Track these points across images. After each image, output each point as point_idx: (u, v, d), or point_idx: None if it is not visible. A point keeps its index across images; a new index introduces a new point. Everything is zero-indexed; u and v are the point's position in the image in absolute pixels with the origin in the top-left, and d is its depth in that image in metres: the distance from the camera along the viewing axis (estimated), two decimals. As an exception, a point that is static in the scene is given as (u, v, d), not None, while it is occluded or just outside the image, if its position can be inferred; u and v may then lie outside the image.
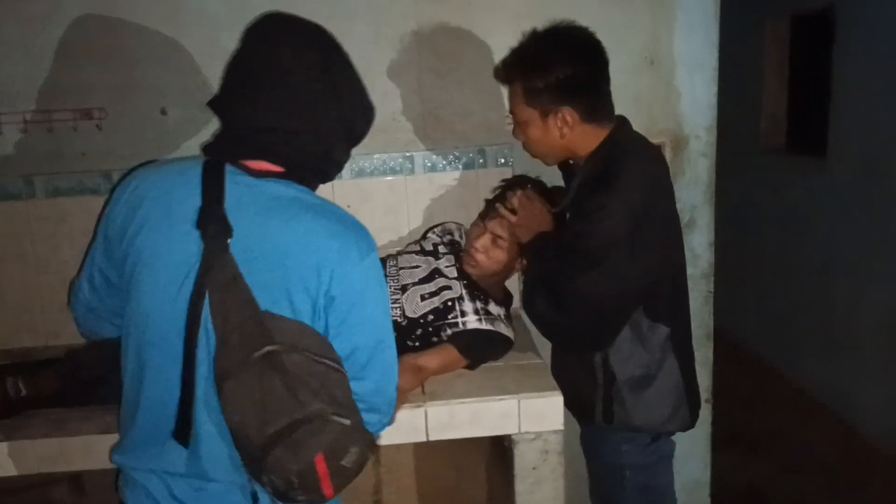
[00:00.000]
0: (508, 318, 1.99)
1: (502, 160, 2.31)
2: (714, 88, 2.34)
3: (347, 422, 1.17)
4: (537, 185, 1.99)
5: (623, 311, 1.67)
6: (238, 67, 1.29)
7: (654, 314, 1.70)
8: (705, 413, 2.47)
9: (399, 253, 2.13)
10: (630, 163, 1.65)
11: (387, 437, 1.68)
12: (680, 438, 1.91)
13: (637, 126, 1.81)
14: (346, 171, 2.27)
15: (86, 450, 1.66)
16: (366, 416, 1.24)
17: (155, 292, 1.20)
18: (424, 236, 2.20)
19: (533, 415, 1.74)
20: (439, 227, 2.22)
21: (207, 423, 1.20)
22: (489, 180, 2.29)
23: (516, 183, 2.00)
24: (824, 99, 3.59)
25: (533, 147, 1.78)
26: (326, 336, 1.21)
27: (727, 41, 2.48)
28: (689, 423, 1.82)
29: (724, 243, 3.05)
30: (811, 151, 3.82)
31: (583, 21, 1.74)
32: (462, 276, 1.99)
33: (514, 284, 2.14)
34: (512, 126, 1.83)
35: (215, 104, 1.31)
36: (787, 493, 3.33)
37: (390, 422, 1.36)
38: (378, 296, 1.28)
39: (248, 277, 1.16)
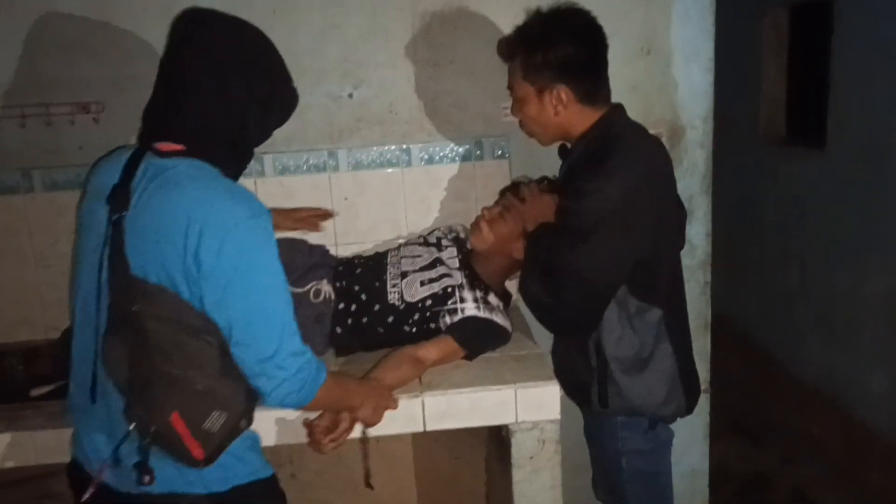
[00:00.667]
0: (506, 311, 2.00)
1: (499, 152, 2.31)
2: (711, 78, 2.33)
3: (199, 386, 1.25)
4: (552, 183, 2.01)
5: (610, 289, 1.68)
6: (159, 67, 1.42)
7: (645, 295, 1.70)
8: (704, 402, 2.47)
9: (402, 245, 2.16)
10: (622, 144, 1.67)
11: (384, 428, 1.70)
12: (679, 427, 1.92)
13: (633, 116, 1.81)
14: (342, 164, 2.28)
15: (84, 441, 1.66)
16: (256, 383, 1.31)
17: (83, 260, 1.36)
18: (430, 233, 2.22)
19: (530, 404, 1.75)
20: (445, 227, 2.24)
21: (106, 379, 1.31)
22: (486, 172, 2.29)
23: (535, 180, 2.03)
24: (824, 88, 3.58)
25: (528, 125, 1.82)
26: (204, 304, 1.26)
27: (726, 30, 2.47)
28: (686, 409, 1.83)
29: (725, 232, 3.05)
30: (811, 140, 3.81)
31: (579, 10, 1.75)
32: (464, 266, 2.01)
33: (513, 286, 2.14)
34: (508, 116, 1.84)
35: None
36: (788, 482, 3.34)
37: (299, 393, 1.35)
38: (257, 263, 1.30)
39: (134, 247, 1.27)
